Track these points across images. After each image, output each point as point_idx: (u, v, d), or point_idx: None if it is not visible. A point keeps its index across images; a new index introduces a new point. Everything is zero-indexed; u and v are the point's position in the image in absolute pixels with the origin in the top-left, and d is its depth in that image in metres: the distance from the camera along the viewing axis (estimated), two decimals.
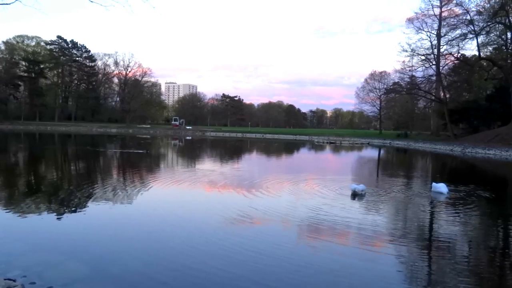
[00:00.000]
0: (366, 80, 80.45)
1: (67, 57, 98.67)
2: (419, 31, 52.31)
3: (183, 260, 5.85)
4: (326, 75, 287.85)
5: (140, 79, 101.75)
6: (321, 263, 5.88)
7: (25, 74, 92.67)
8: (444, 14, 50.29)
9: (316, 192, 11.99)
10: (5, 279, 4.63)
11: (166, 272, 5.33)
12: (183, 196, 11.44)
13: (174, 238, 7.00)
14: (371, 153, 40.39)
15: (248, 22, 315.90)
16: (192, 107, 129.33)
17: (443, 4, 50.09)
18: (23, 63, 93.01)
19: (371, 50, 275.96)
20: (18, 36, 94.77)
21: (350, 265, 5.87)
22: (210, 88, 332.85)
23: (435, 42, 52.19)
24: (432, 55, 52.46)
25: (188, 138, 61.65)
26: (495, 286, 5.52)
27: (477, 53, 47.35)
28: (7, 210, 8.59)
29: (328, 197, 11.07)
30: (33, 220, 7.87)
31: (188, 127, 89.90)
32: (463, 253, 6.87)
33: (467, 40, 47.44)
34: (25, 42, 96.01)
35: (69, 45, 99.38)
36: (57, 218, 8.16)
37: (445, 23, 49.87)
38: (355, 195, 11.30)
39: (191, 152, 33.04)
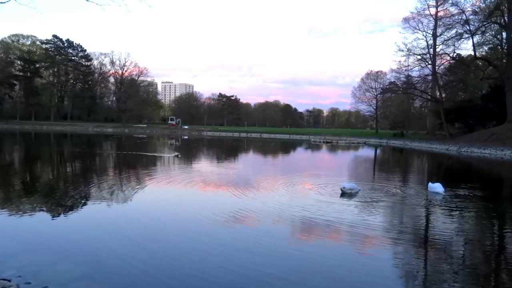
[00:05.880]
0: (362, 79, 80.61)
1: (62, 56, 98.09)
2: (415, 30, 52.53)
3: (180, 259, 5.84)
4: (321, 74, 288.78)
5: (136, 79, 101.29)
6: (317, 262, 5.89)
7: (21, 73, 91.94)
8: (440, 14, 50.53)
9: (310, 191, 12.01)
10: (0, 279, 4.60)
11: (162, 271, 5.32)
12: (181, 195, 11.42)
13: (171, 237, 6.99)
14: (367, 153, 40.48)
15: (241, 22, 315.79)
16: (189, 106, 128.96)
17: (439, 4, 50.29)
18: (19, 62, 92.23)
19: (364, 50, 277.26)
20: (13, 35, 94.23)
21: (346, 264, 5.88)
22: (205, 87, 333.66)
23: (431, 41, 52.38)
24: (428, 55, 52.63)
25: (184, 137, 61.52)
26: (491, 285, 5.55)
27: (472, 53, 47.47)
28: (2, 210, 8.53)
29: (323, 196, 11.09)
30: (29, 220, 7.83)
31: (184, 127, 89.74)
32: (459, 252, 6.91)
33: (462, 40, 47.64)
34: (20, 41, 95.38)
35: (65, 44, 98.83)
36: (53, 218, 8.12)
37: (441, 23, 50.05)
38: (344, 193, 11.34)
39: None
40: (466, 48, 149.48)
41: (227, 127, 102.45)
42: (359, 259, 6.13)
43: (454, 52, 50.52)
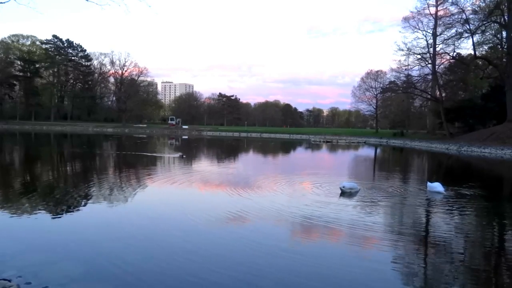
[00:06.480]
0: (362, 79, 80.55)
1: (62, 56, 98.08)
2: (415, 30, 52.49)
3: (179, 259, 5.84)
4: (320, 74, 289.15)
5: (136, 79, 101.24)
6: (317, 262, 5.89)
7: (21, 74, 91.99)
8: (440, 13, 50.49)
9: (310, 191, 12.00)
10: (0, 279, 4.61)
11: (162, 271, 5.33)
12: (181, 196, 11.43)
13: (170, 237, 7.00)
14: (367, 152, 40.48)
15: (241, 22, 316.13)
16: (189, 106, 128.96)
17: (438, 3, 50.25)
18: (19, 62, 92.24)
19: (363, 50, 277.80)
20: (13, 36, 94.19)
21: (346, 264, 5.88)
22: (205, 87, 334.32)
23: (431, 41, 52.33)
24: (428, 54, 52.64)
25: (184, 137, 61.51)
26: (491, 285, 5.55)
27: (472, 52, 47.47)
28: (2, 210, 8.54)
29: (322, 196, 11.09)
30: (29, 220, 7.83)
31: (184, 127, 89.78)
32: (459, 252, 6.91)
33: (462, 39, 47.62)
34: (20, 41, 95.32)
35: (65, 44, 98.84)
36: (53, 218, 8.12)
37: (440, 22, 49.99)
38: (344, 193, 11.34)
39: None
40: (466, 47, 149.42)
41: (227, 127, 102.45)
42: (359, 260, 6.12)
43: (454, 52, 50.58)
